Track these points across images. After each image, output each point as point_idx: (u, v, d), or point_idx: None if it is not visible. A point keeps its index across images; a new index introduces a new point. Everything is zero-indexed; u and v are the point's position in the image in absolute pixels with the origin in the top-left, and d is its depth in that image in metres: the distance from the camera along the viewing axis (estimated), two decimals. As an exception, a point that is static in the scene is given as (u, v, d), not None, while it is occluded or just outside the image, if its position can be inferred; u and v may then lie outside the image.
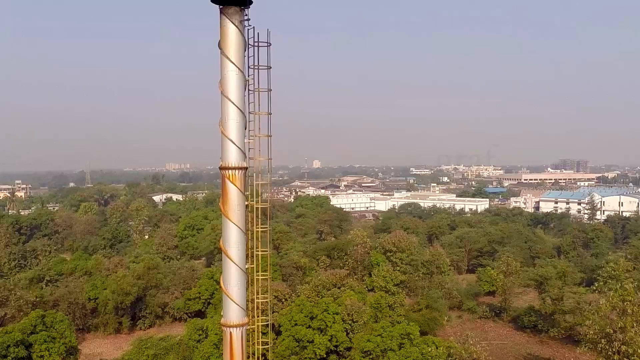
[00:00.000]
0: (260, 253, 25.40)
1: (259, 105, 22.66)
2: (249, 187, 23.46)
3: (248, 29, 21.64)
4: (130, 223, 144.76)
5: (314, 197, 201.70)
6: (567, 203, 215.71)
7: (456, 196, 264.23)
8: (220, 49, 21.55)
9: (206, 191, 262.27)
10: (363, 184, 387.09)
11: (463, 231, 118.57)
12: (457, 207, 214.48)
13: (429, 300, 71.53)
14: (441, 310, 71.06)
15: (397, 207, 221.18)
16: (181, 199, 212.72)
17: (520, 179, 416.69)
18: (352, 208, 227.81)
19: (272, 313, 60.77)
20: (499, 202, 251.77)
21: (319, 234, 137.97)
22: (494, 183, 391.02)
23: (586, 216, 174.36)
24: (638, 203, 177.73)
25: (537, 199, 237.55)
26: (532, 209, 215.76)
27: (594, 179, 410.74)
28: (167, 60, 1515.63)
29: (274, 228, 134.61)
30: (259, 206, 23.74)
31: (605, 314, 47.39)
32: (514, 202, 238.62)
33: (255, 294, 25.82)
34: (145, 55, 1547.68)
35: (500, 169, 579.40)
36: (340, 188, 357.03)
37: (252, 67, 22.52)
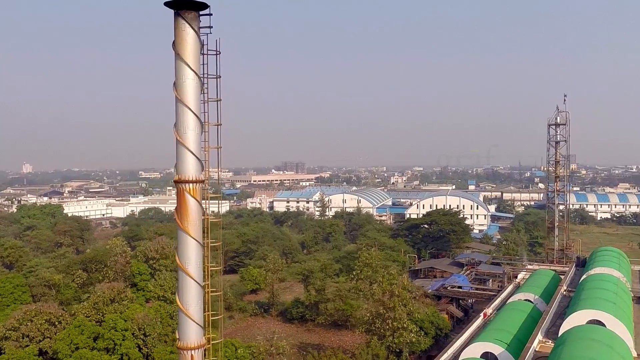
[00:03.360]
0: (210, 268, 23.58)
1: (209, 115, 21.04)
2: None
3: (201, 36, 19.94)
4: None
5: (43, 205, 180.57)
6: (298, 202, 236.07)
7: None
8: (176, 52, 19.41)
9: None
10: (91, 190, 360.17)
11: (217, 233, 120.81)
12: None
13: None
14: (218, 313, 71.87)
15: (136, 213, 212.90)
16: None
17: (250, 181, 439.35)
18: (87, 216, 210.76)
19: (44, 339, 54.05)
20: (235, 203, 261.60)
21: (58, 246, 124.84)
22: (227, 185, 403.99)
23: (317, 213, 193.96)
24: (358, 200, 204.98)
25: (271, 199, 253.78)
26: (267, 209, 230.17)
27: (313, 179, 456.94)
28: None
29: (2, 244, 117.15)
30: (212, 220, 21.96)
31: (379, 298, 54.81)
32: (250, 203, 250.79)
33: (207, 310, 23.94)
34: None
35: (228, 171, 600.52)
36: (65, 195, 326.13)
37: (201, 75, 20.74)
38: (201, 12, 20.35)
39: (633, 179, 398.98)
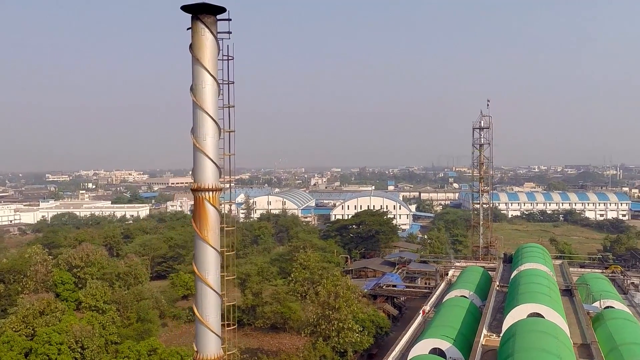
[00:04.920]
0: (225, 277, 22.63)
1: (224, 121, 20.10)
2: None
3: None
4: None
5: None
6: (221, 204, 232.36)
7: (112, 202, 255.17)
8: (194, 57, 18.38)
9: None
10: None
11: (145, 238, 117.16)
12: (118, 214, 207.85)
13: (139, 313, 69.27)
14: (154, 321, 69.67)
15: (48, 219, 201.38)
16: None
17: (167, 183, 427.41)
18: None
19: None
20: (154, 207, 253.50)
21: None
22: (143, 188, 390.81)
23: (243, 215, 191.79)
24: (282, 201, 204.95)
25: (192, 202, 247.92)
26: (189, 212, 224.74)
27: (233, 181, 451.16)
28: None
29: None
30: (228, 228, 20.98)
31: (324, 300, 55.26)
32: (170, 206, 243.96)
33: (223, 320, 22.84)
34: None
35: (143, 174, 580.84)
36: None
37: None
38: (219, 17, 19.45)
39: (537, 178, 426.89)
